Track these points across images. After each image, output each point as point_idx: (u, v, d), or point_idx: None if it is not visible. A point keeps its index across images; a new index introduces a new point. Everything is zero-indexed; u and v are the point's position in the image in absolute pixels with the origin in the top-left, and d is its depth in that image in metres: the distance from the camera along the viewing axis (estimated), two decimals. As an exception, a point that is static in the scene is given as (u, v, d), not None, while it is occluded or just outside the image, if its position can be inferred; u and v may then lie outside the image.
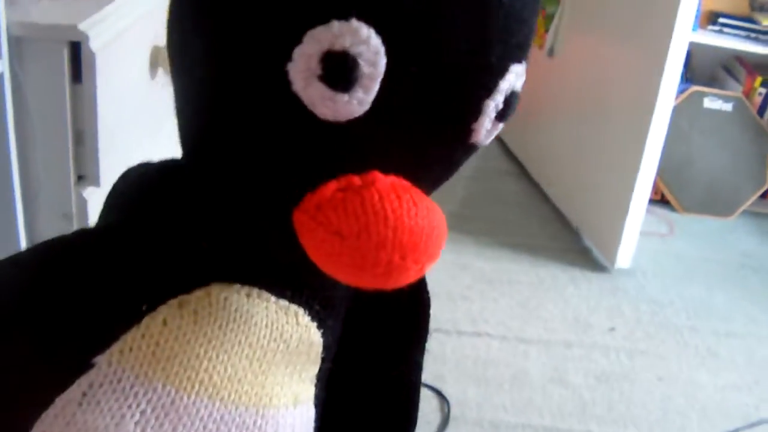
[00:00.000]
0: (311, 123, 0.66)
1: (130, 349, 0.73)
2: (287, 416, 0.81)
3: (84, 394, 0.73)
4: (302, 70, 0.63)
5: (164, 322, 0.74)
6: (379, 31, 0.63)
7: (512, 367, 1.93)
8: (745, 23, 2.86)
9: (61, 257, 0.78)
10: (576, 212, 2.67)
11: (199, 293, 0.75)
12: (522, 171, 3.05)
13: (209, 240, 0.77)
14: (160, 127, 1.64)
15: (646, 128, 2.27)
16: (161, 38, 1.53)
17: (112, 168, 1.43)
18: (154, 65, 1.61)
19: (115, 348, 0.74)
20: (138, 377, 0.73)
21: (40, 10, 1.37)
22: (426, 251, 0.68)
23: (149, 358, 0.74)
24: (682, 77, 2.98)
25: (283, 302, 0.79)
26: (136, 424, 0.72)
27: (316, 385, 0.87)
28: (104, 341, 0.74)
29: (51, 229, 1.40)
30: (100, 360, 0.74)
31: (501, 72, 0.70)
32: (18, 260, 0.80)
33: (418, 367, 1.03)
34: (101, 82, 1.34)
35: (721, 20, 2.85)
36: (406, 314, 0.98)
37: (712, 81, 3.16)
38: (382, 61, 0.64)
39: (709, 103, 2.92)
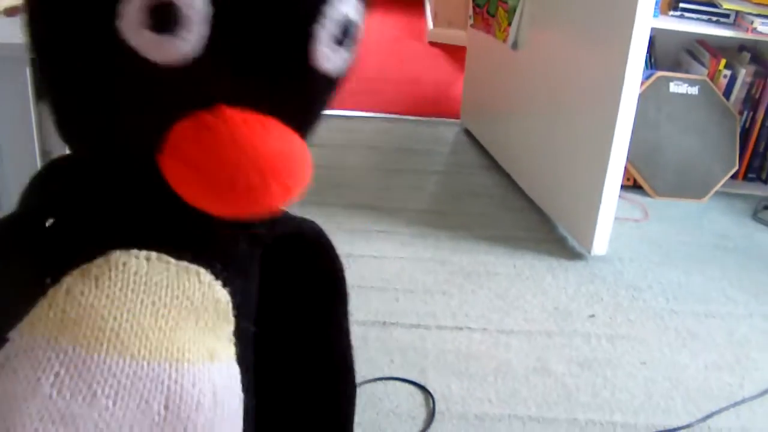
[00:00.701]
0: (153, 70, 0.71)
1: (40, 319, 0.78)
2: (204, 371, 0.83)
3: (1, 366, 0.77)
4: (132, 23, 0.69)
5: (67, 291, 0.78)
6: None
7: (495, 359, 1.93)
8: (707, 7, 2.88)
9: None
10: (550, 202, 2.68)
11: (99, 261, 0.79)
12: (493, 164, 3.05)
13: (102, 210, 0.82)
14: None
15: (613, 115, 2.28)
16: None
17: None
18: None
19: (26, 321, 0.78)
20: (49, 343, 0.77)
21: (1, 27, 1.37)
22: (286, 171, 0.73)
23: (57, 325, 0.77)
24: (646, 63, 3.02)
25: (183, 263, 0.82)
26: (51, 386, 0.76)
27: (236, 344, 0.89)
28: (15, 317, 0.78)
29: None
30: (13, 334, 0.78)
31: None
32: None
33: (345, 332, 1.08)
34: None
35: (683, 5, 2.87)
36: (321, 280, 1.03)
37: (676, 66, 3.18)
38: (200, 1, 0.69)
39: (675, 87, 2.94)
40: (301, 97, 0.81)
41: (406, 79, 3.99)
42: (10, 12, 1.45)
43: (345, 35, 0.78)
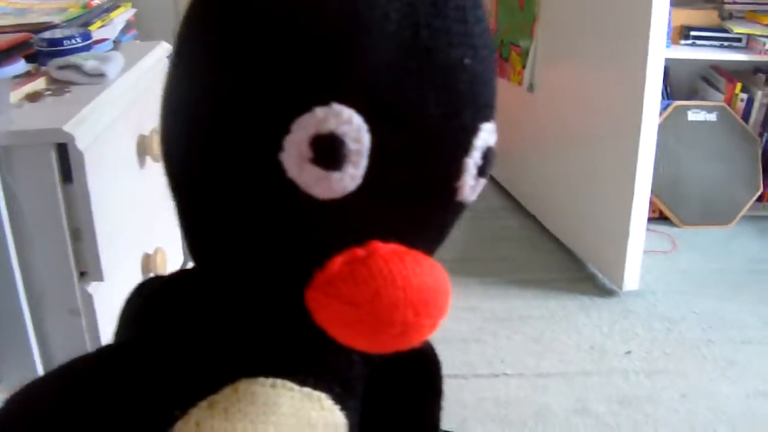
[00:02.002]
0: (310, 204, 0.68)
1: None
2: None
3: None
4: (295, 157, 0.66)
5: (197, 425, 0.76)
6: (359, 110, 0.66)
7: (534, 403, 1.93)
8: (718, 33, 2.89)
9: (87, 376, 0.79)
10: (577, 241, 2.68)
11: (226, 391, 0.77)
12: (518, 206, 3.06)
13: (230, 338, 0.78)
14: (156, 213, 1.65)
15: (635, 148, 2.28)
16: (145, 127, 1.55)
17: (113, 261, 1.44)
18: (141, 154, 1.63)
19: None
20: None
21: (23, 115, 1.39)
22: (436, 306, 0.70)
23: None
24: (663, 94, 3.02)
25: (307, 389, 0.81)
26: None
27: None
28: None
29: (59, 327, 1.41)
30: None
31: (474, 131, 0.73)
32: (46, 383, 0.81)
33: (437, 427, 1.05)
34: (92, 178, 1.35)
35: (693, 33, 2.88)
36: (419, 376, 1.01)
37: (692, 94, 3.19)
38: (366, 137, 0.67)
39: (693, 115, 2.95)
40: (440, 226, 0.80)
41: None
42: (32, 98, 1.48)
43: (486, 163, 0.76)
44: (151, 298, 0.86)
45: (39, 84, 1.55)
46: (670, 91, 3.14)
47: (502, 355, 2.12)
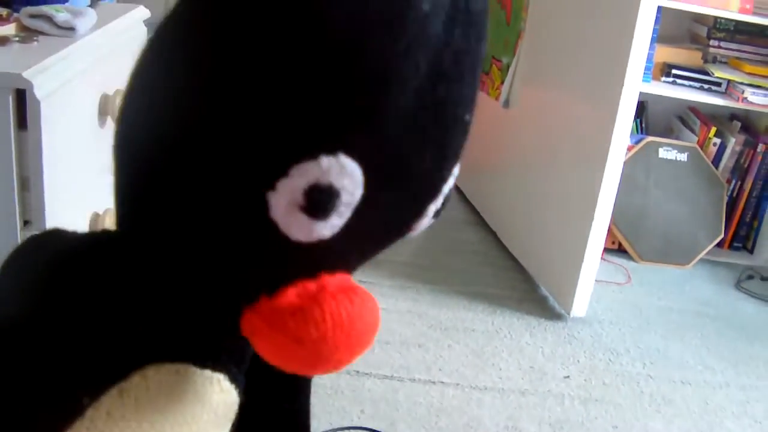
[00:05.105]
0: (281, 242, 0.67)
1: None
2: None
3: None
4: (285, 202, 0.64)
5: (108, 414, 0.74)
6: (361, 164, 0.64)
7: (466, 414, 1.92)
8: (699, 75, 2.91)
9: None
10: (532, 261, 2.68)
11: (136, 379, 0.75)
12: (479, 220, 3.06)
13: (143, 323, 0.77)
14: (107, 174, 1.63)
15: (599, 178, 2.29)
16: (110, 87, 1.53)
17: (59, 214, 1.42)
18: (102, 114, 1.61)
19: None
20: None
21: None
22: (369, 344, 0.73)
23: None
24: (637, 128, 3.04)
25: (207, 372, 0.81)
26: None
27: None
28: None
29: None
30: None
31: (448, 178, 0.74)
32: None
33: (309, 397, 1.09)
34: (47, 129, 1.33)
35: (675, 71, 2.89)
36: None
37: (667, 132, 3.20)
38: (360, 191, 0.65)
39: (664, 153, 2.96)
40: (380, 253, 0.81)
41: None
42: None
43: (443, 207, 0.78)
44: (57, 267, 0.81)
45: (8, 29, 1.53)
46: (645, 126, 3.15)
47: (441, 363, 2.11)
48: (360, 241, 0.73)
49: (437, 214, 0.78)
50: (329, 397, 1.89)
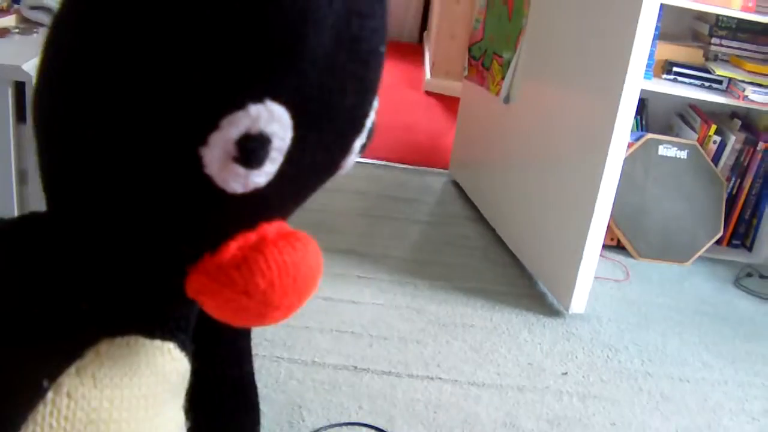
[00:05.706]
0: (217, 197, 0.67)
1: (51, 428, 0.73)
2: None
3: None
4: (219, 155, 0.65)
5: (68, 396, 0.74)
6: (288, 107, 0.65)
7: (463, 411, 1.92)
8: (700, 72, 2.90)
9: None
10: (531, 258, 2.68)
11: (91, 355, 0.76)
12: (478, 216, 3.06)
13: (88, 299, 0.77)
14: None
15: (599, 175, 2.28)
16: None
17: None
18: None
19: (29, 430, 0.73)
20: None
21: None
22: (315, 287, 0.74)
23: None
24: (637, 125, 3.03)
25: (157, 341, 0.81)
26: None
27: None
28: (15, 427, 0.73)
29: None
30: None
31: (370, 111, 0.76)
32: None
33: (252, 364, 1.11)
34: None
35: (676, 69, 2.89)
36: None
37: (667, 129, 3.20)
38: (290, 135, 0.67)
39: (664, 150, 2.95)
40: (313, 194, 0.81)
41: (399, 126, 4.00)
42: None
43: (368, 142, 0.79)
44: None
45: (9, 21, 1.53)
46: (645, 123, 3.15)
47: (439, 359, 2.11)
48: (293, 185, 0.74)
49: (363, 148, 0.79)
50: (327, 393, 1.89)
